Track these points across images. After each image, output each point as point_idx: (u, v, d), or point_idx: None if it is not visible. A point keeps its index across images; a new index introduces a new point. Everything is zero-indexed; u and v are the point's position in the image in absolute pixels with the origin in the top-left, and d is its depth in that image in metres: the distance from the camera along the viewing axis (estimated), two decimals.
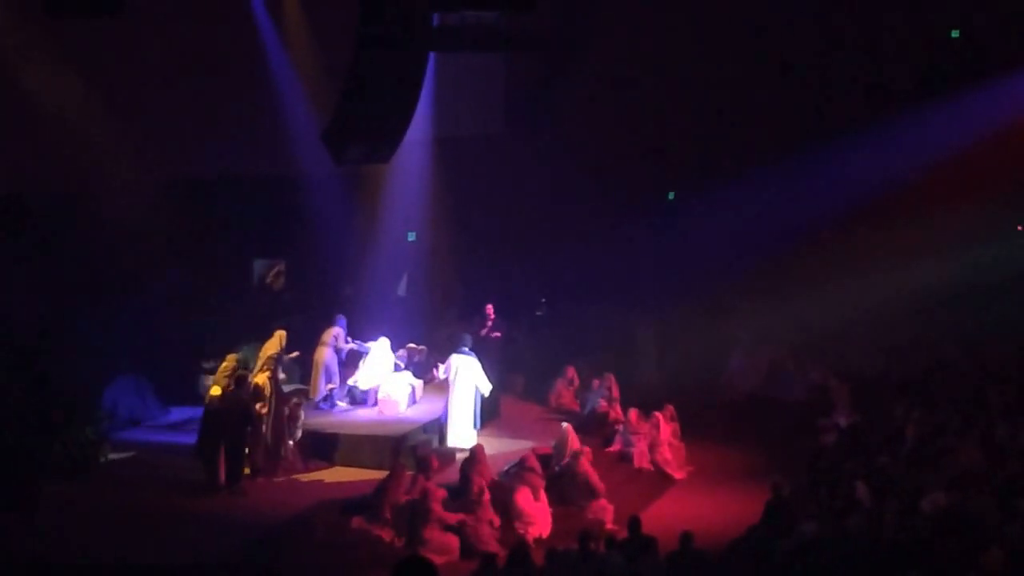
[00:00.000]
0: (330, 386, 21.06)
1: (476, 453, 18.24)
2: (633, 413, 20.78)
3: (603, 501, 18.04)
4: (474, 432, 20.43)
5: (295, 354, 20.74)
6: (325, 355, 21.05)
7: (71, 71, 19.48)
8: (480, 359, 20.67)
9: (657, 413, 20.75)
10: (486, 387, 20.50)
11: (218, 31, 21.45)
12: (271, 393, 18.66)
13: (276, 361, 19.93)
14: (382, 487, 17.25)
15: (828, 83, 28.37)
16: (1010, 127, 26.06)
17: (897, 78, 27.98)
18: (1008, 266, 25.48)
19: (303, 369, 21.80)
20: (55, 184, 20.25)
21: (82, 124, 19.78)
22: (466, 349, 20.62)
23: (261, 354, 19.85)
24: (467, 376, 20.34)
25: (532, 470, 18.00)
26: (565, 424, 19.80)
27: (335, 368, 21.17)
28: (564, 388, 23.19)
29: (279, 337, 20.39)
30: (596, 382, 22.55)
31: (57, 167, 19.90)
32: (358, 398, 21.24)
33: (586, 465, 18.44)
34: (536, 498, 17.40)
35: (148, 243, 21.46)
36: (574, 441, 19.20)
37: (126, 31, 19.40)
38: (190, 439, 18.98)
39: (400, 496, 17.10)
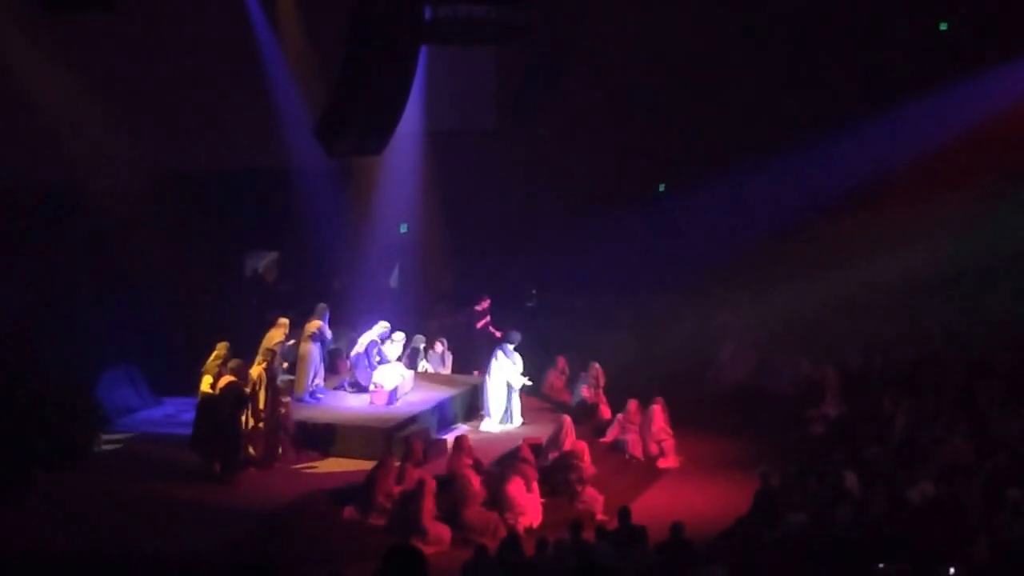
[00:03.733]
0: (316, 381, 21.03)
1: (461, 443, 18.31)
2: (632, 404, 20.86)
3: (594, 491, 18.13)
4: (507, 425, 20.85)
5: (291, 342, 20.78)
6: (309, 349, 21.01)
7: (65, 65, 19.51)
8: (475, 351, 20.82)
9: (652, 405, 20.83)
10: (517, 382, 20.85)
11: (211, 24, 21.49)
12: (266, 384, 18.68)
13: (281, 349, 20.02)
14: (372, 477, 17.34)
15: (816, 75, 28.42)
16: (997, 118, 26.15)
17: (886, 70, 28.04)
18: (995, 255, 25.57)
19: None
20: (48, 177, 20.27)
21: (75, 118, 19.81)
22: (509, 347, 20.83)
23: (264, 344, 19.88)
24: (502, 370, 20.63)
25: (526, 461, 18.08)
26: (565, 417, 19.92)
27: (319, 362, 21.14)
28: (556, 378, 23.26)
29: (283, 326, 20.41)
30: (581, 373, 22.66)
31: (50, 160, 19.93)
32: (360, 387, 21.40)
33: (581, 467, 18.51)
34: (529, 489, 17.48)
35: (141, 235, 21.49)
36: (571, 434, 19.30)
37: (119, 25, 19.45)
38: (183, 430, 19.05)
39: (390, 485, 17.18)
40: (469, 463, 17.86)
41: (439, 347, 23.20)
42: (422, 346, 22.87)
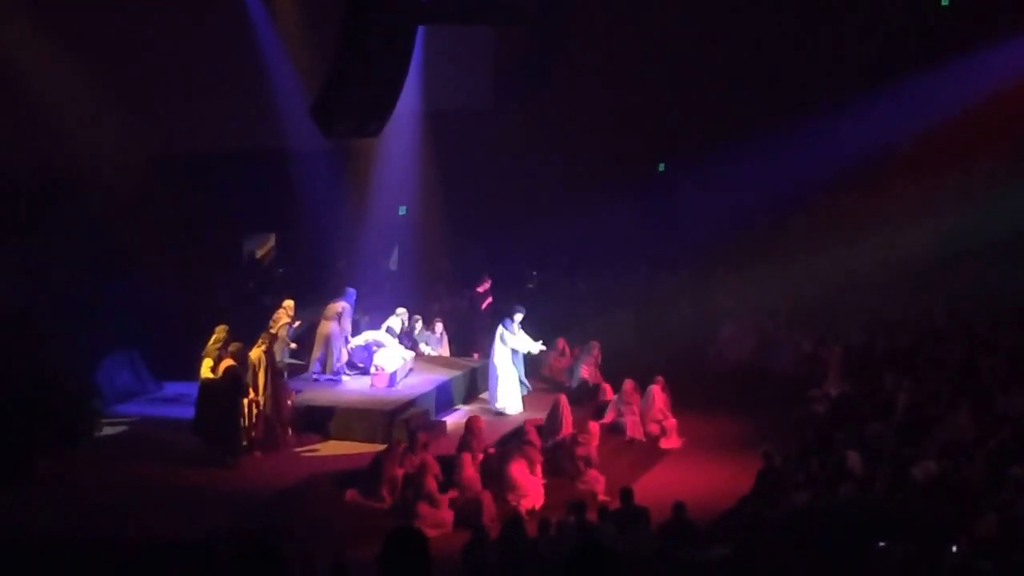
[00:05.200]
0: (344, 358, 21.03)
1: (472, 425, 18.30)
2: (628, 384, 20.82)
3: (595, 472, 18.11)
4: (519, 396, 20.79)
5: (297, 323, 20.71)
6: (329, 329, 20.92)
7: (59, 49, 19.43)
8: (476, 333, 20.78)
9: (652, 385, 20.79)
10: (533, 348, 21.07)
11: (207, 5, 21.41)
12: (266, 367, 18.60)
13: (287, 331, 19.97)
14: (378, 460, 17.30)
15: (817, 52, 28.35)
16: (997, 95, 26.07)
17: (887, 47, 27.97)
18: (995, 233, 25.50)
19: (306, 341, 21.80)
20: (44, 161, 20.22)
21: (70, 101, 19.74)
22: (509, 321, 20.78)
23: (271, 326, 19.82)
24: (507, 344, 20.67)
25: (531, 444, 18.03)
26: (560, 396, 19.88)
27: (340, 342, 21.08)
28: (556, 360, 23.22)
29: (288, 308, 20.35)
30: (581, 354, 22.61)
31: (46, 144, 19.87)
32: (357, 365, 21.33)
33: (589, 447, 18.46)
34: (532, 472, 17.45)
35: (139, 219, 21.44)
36: (568, 415, 19.26)
37: (116, 7, 19.36)
38: (184, 413, 19.02)
39: (395, 469, 17.15)
40: (481, 446, 17.86)
41: (437, 328, 23.17)
42: (419, 326, 22.85)
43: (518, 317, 21.06)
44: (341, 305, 21.06)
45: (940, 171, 26.14)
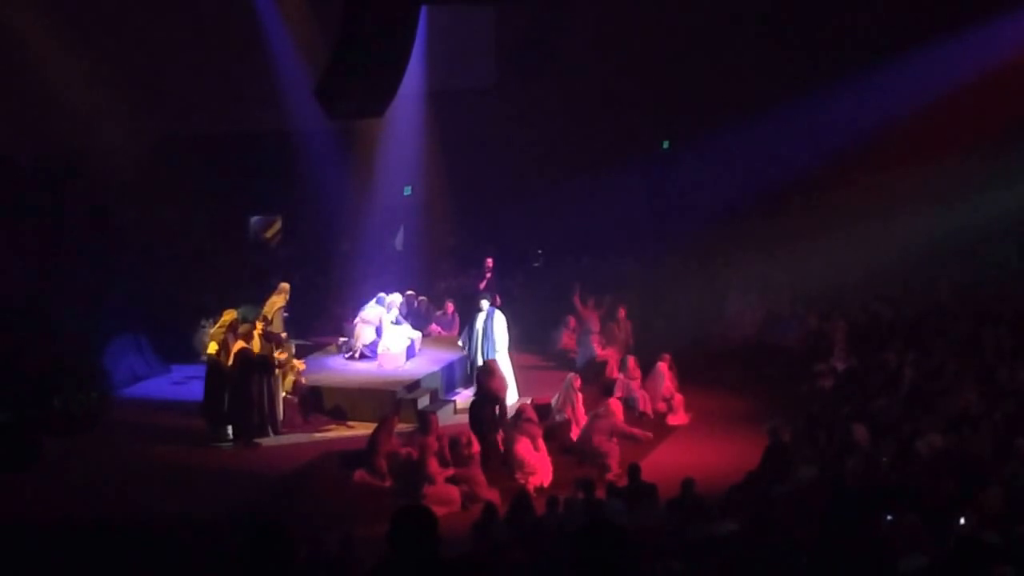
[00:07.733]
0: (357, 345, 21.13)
1: (493, 369, 18.35)
2: (631, 360, 20.84)
3: (612, 450, 18.06)
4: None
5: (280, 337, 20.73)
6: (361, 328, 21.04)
7: (65, 31, 19.43)
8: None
9: (659, 363, 20.80)
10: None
11: None
12: (258, 349, 18.59)
13: (280, 314, 20.04)
14: (372, 438, 17.36)
15: (819, 29, 28.22)
16: (998, 71, 25.91)
17: (887, 23, 27.83)
18: (999, 209, 25.44)
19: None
20: (49, 144, 20.24)
21: (76, 83, 19.76)
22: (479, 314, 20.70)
23: (266, 310, 19.86)
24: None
25: (530, 420, 18.08)
26: (571, 374, 19.88)
27: (371, 332, 21.13)
28: (569, 338, 23.25)
29: (284, 291, 20.40)
30: (571, 320, 22.65)
31: (51, 127, 19.89)
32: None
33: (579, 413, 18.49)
34: (535, 448, 17.49)
35: (144, 200, 21.47)
36: (579, 393, 19.27)
37: None
38: (191, 395, 19.08)
39: (392, 445, 17.19)
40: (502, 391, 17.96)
41: (448, 308, 23.22)
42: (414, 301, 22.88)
43: (482, 304, 20.81)
44: (373, 308, 21.07)
45: (943, 148, 26.01)
